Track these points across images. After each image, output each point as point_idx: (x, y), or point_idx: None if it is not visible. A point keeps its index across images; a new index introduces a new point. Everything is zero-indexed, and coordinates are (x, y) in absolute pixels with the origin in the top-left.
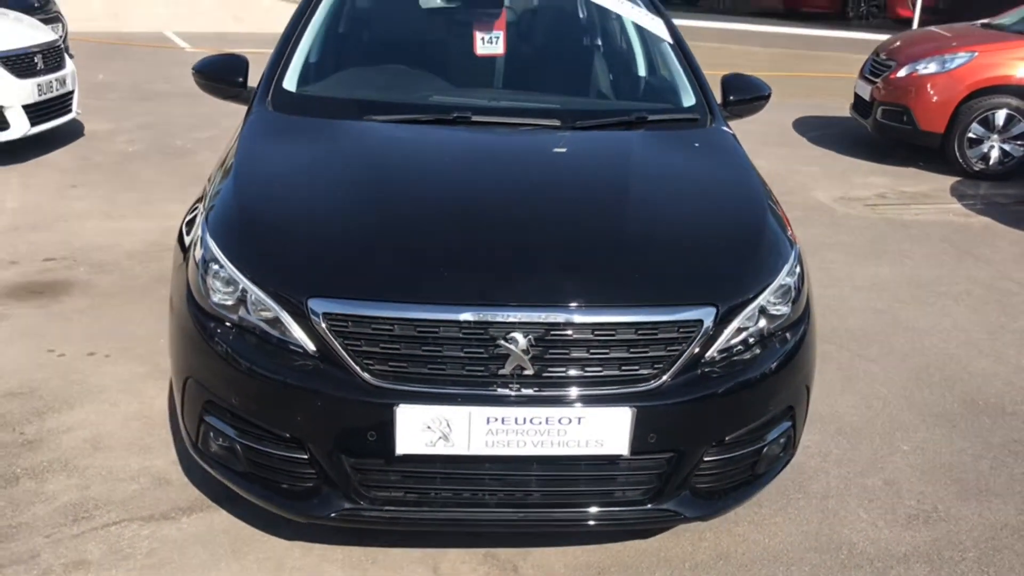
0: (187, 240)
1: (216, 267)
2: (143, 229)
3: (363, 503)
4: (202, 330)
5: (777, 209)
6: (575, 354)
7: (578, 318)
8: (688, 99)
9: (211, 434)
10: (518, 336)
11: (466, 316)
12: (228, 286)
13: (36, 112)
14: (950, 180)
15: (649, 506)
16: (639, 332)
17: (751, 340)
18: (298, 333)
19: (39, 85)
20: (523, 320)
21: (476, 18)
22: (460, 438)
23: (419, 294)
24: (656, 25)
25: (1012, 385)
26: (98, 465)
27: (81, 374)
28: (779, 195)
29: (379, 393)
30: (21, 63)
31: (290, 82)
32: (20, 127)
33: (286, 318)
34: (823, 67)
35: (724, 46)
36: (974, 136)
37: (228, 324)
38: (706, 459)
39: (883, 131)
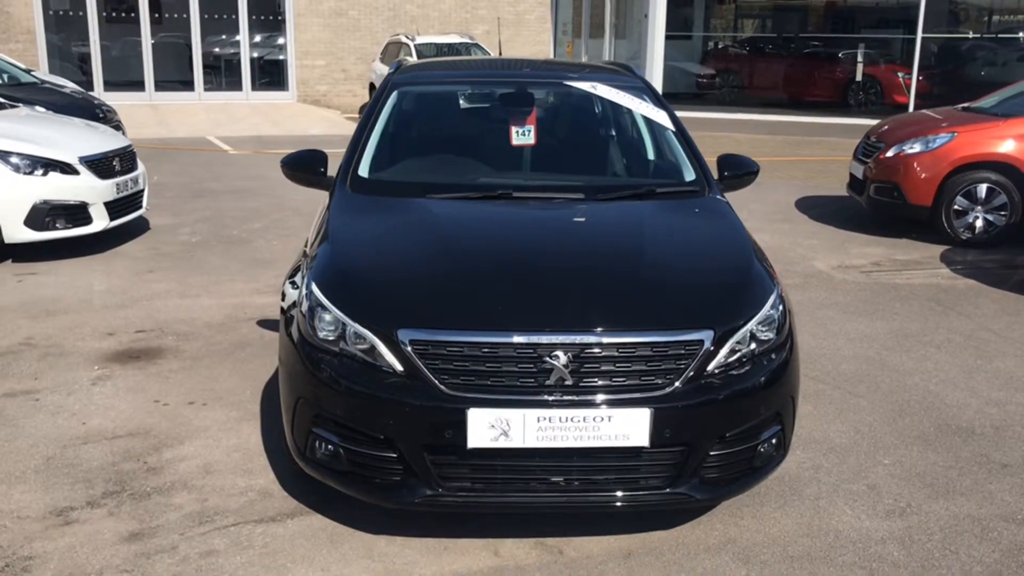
0: (284, 305)
1: (321, 310)
2: (216, 305)
3: (440, 491)
4: (311, 361)
5: (763, 259)
6: (604, 367)
7: (606, 340)
8: (689, 175)
9: (318, 443)
10: (560, 354)
11: (519, 339)
12: (331, 325)
13: (114, 208)
14: (940, 248)
15: (667, 490)
16: (654, 350)
17: (744, 358)
18: (389, 357)
19: (117, 185)
20: (563, 342)
21: (510, 115)
22: (517, 434)
23: (482, 324)
24: (661, 116)
25: (982, 413)
26: (212, 484)
27: (185, 418)
28: (782, 264)
29: (453, 400)
30: (103, 166)
31: (363, 170)
32: (101, 222)
33: (380, 346)
34: (823, 151)
35: (731, 135)
36: (959, 208)
37: (332, 354)
38: (712, 453)
39: (876, 206)
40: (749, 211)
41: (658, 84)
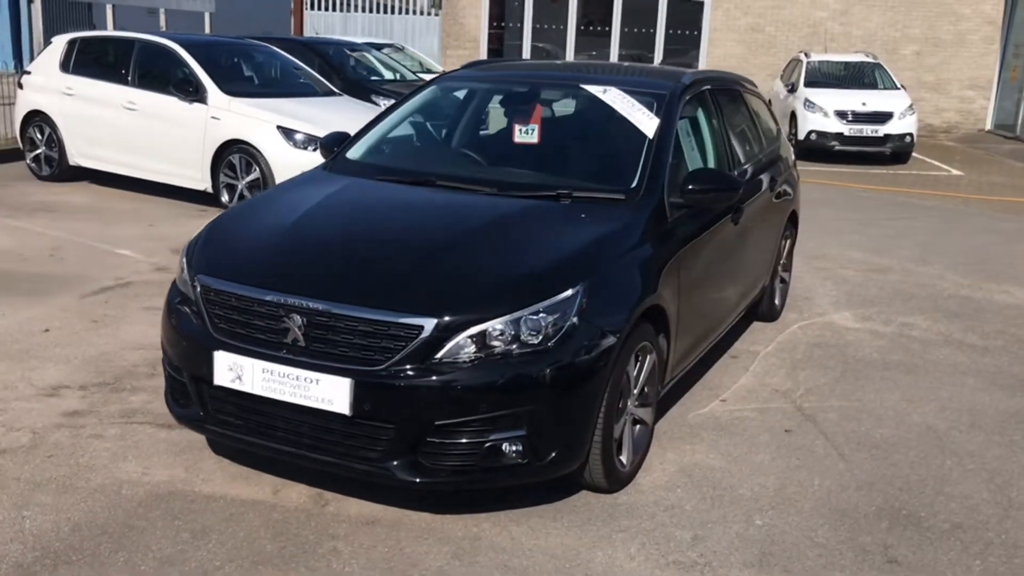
0: None
1: (181, 258)
2: None
3: (204, 416)
4: (168, 299)
5: (583, 273)
6: (330, 336)
7: (334, 310)
8: (632, 184)
9: (164, 365)
10: (296, 316)
11: (269, 298)
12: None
13: None
14: None
15: (375, 463)
16: (373, 327)
17: (492, 353)
18: (195, 298)
19: None
20: (300, 305)
21: (517, 113)
22: (248, 380)
23: (250, 280)
24: (649, 126)
25: (970, 511)
26: (152, 385)
27: None
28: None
29: (212, 342)
30: None
31: (355, 152)
32: None
33: (190, 287)
34: None
35: None
36: None
37: (180, 295)
38: (429, 439)
39: None
40: (939, 253)
41: None
